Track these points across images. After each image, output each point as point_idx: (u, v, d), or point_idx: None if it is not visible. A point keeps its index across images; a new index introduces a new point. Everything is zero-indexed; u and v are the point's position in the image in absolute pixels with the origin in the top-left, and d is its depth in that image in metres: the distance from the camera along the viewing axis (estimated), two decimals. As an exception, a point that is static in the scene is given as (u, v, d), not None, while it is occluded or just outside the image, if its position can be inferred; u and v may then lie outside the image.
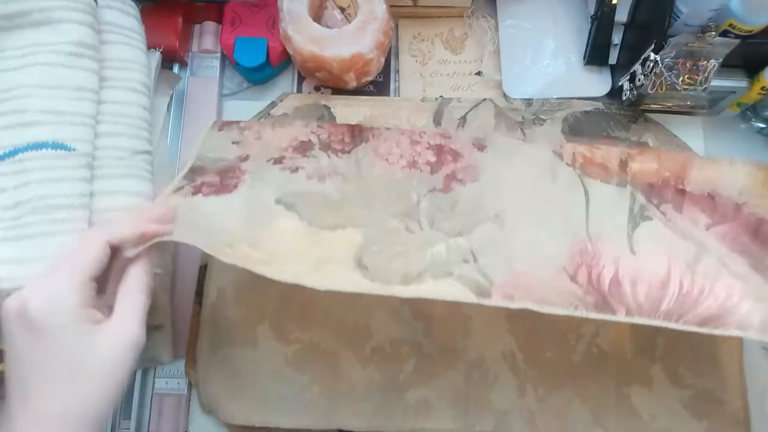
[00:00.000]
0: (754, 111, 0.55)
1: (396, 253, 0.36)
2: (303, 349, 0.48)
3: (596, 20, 0.53)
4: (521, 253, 0.37)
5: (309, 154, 0.41)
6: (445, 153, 0.41)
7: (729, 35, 0.47)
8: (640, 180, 0.41)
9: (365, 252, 0.36)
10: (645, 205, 0.40)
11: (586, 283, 0.35)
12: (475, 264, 0.36)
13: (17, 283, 0.33)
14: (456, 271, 0.35)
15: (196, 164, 0.40)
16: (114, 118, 0.41)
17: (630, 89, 0.51)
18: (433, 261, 0.36)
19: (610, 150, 0.43)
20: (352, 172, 0.40)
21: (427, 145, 0.41)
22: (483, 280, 0.35)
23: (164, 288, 0.48)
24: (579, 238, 0.38)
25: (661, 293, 0.35)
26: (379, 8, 0.50)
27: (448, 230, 0.38)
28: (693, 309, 0.35)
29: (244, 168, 0.40)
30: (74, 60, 0.39)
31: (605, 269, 0.36)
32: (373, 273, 0.34)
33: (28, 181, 0.36)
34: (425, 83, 0.57)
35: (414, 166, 0.41)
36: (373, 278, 0.34)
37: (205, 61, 0.57)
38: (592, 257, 0.37)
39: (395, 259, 0.35)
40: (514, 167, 0.41)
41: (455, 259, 0.36)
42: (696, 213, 0.40)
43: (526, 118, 0.54)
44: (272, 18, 0.55)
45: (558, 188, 0.40)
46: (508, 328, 0.48)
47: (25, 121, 0.37)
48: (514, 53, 0.56)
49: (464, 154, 0.41)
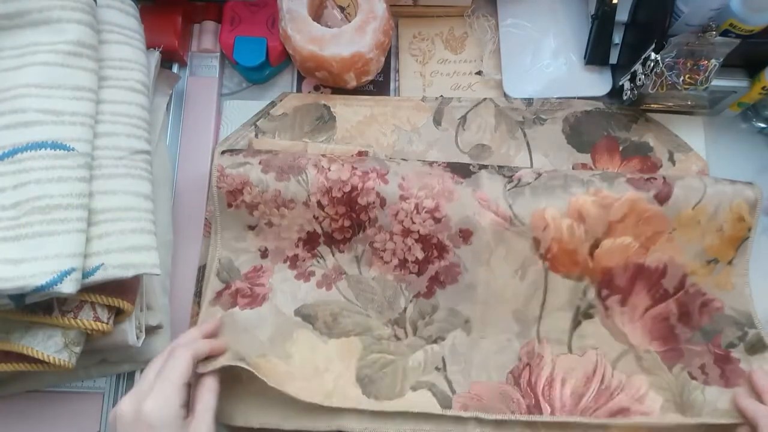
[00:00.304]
0: (755, 111, 0.54)
1: (387, 362, 0.46)
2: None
3: (597, 20, 0.53)
4: (479, 361, 0.47)
5: (317, 251, 0.49)
6: (432, 248, 0.48)
7: (730, 35, 0.47)
8: (601, 265, 0.47)
9: (364, 360, 0.46)
10: (592, 302, 0.48)
11: (525, 386, 0.46)
12: (445, 372, 0.46)
13: (16, 283, 0.33)
14: (430, 380, 0.46)
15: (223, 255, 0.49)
16: (113, 118, 0.41)
17: (630, 89, 0.51)
18: (413, 370, 0.46)
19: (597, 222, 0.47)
20: (354, 272, 0.49)
21: (417, 237, 0.47)
22: (448, 390, 0.46)
23: (164, 289, 0.48)
24: (530, 338, 0.47)
25: (583, 390, 0.45)
26: (379, 7, 0.50)
27: (427, 337, 0.47)
28: (607, 402, 0.45)
29: (266, 268, 0.49)
30: (73, 60, 0.39)
31: (544, 369, 0.46)
32: (369, 389, 0.45)
33: (27, 180, 0.36)
34: (425, 83, 0.57)
35: (404, 266, 0.48)
36: (369, 395, 0.45)
37: (205, 60, 0.57)
38: (536, 357, 0.47)
39: (387, 367, 0.46)
40: (491, 265, 0.48)
41: (430, 367, 0.46)
42: (640, 299, 0.48)
43: (527, 118, 0.54)
44: (272, 17, 0.54)
45: (523, 286, 0.48)
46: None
47: (25, 120, 0.36)
48: (515, 53, 0.56)
49: (449, 248, 0.47)
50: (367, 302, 0.48)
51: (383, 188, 0.47)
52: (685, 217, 0.47)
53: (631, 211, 0.47)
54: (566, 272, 0.48)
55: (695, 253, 0.48)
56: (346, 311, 0.48)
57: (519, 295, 0.48)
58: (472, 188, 0.48)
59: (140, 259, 0.39)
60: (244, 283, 0.48)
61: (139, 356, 0.46)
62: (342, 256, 0.49)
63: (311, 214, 0.48)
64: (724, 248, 0.48)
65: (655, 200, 0.47)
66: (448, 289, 0.48)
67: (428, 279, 0.48)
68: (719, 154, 0.54)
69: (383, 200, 0.47)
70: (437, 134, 0.54)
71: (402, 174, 0.48)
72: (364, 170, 0.47)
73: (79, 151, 0.37)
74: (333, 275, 0.49)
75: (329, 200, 0.47)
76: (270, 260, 0.49)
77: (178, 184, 0.53)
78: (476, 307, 0.48)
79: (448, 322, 0.48)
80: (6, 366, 0.39)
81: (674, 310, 0.47)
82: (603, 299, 0.48)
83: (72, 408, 0.48)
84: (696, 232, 0.47)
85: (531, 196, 0.47)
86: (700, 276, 0.48)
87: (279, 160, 0.48)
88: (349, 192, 0.47)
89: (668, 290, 0.47)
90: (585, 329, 0.47)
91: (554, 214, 0.47)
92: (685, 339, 0.46)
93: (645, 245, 0.47)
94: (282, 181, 0.47)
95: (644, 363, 0.46)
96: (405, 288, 0.48)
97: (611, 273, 0.47)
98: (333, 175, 0.47)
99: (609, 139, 0.54)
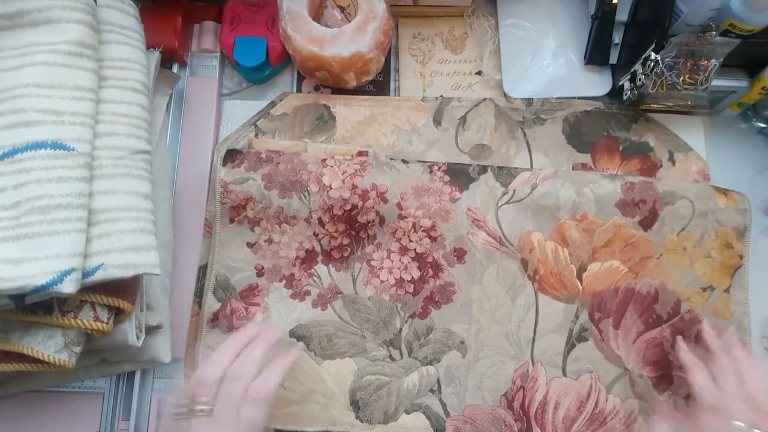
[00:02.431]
0: (755, 111, 0.54)
1: (382, 384, 0.47)
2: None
3: (597, 20, 0.53)
4: (474, 383, 0.47)
5: (313, 270, 0.49)
6: (427, 266, 0.49)
7: (730, 35, 0.47)
8: (590, 288, 0.49)
9: (359, 382, 0.47)
10: (585, 324, 0.48)
11: (518, 409, 0.47)
12: (439, 394, 0.47)
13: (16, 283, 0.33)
14: (424, 402, 0.47)
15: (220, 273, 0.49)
16: (113, 118, 0.41)
17: (630, 89, 0.51)
18: (407, 392, 0.47)
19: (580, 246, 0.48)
20: (349, 291, 0.49)
21: (414, 255, 0.49)
22: (442, 412, 0.47)
23: (164, 288, 0.48)
24: (524, 360, 0.48)
25: (576, 414, 0.46)
26: (379, 7, 0.50)
27: (422, 358, 0.48)
28: (599, 428, 0.46)
29: (262, 287, 0.49)
30: (73, 59, 0.38)
31: (538, 392, 0.47)
32: (363, 412, 0.46)
33: (27, 180, 0.35)
34: (425, 83, 0.57)
35: (400, 285, 0.49)
36: (363, 419, 0.46)
37: (205, 60, 0.57)
38: (530, 379, 0.47)
39: (381, 389, 0.47)
40: (483, 283, 0.49)
41: (424, 389, 0.47)
42: (632, 323, 0.48)
43: (527, 118, 0.54)
44: (272, 17, 0.54)
45: (515, 307, 0.49)
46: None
47: (25, 120, 0.36)
48: (515, 53, 0.56)
49: (444, 267, 0.49)
50: (363, 322, 0.48)
51: (382, 207, 0.49)
52: (670, 243, 0.49)
53: (615, 236, 0.48)
54: (555, 294, 0.49)
55: (688, 279, 0.48)
56: (341, 332, 0.48)
57: (512, 316, 0.48)
58: (467, 204, 0.49)
59: (140, 259, 0.39)
60: (239, 303, 0.49)
61: (139, 356, 0.46)
62: (339, 275, 0.49)
63: (312, 230, 0.49)
64: (717, 275, 0.49)
65: (640, 226, 0.48)
66: (443, 309, 0.49)
67: (423, 299, 0.49)
68: (719, 154, 0.54)
69: (382, 219, 0.49)
70: (437, 134, 0.54)
71: (400, 192, 0.49)
72: (364, 189, 0.48)
73: (79, 151, 0.37)
74: (329, 294, 0.49)
75: (330, 218, 0.49)
76: (266, 278, 0.49)
77: (178, 184, 0.53)
78: (471, 327, 0.48)
79: (443, 343, 0.48)
80: (6, 366, 0.39)
81: (668, 336, 0.47)
82: (596, 322, 0.48)
83: (72, 408, 0.48)
84: (683, 258, 0.49)
85: (521, 216, 0.49)
86: (696, 303, 0.48)
87: (281, 175, 0.48)
88: (349, 210, 0.48)
89: (661, 315, 0.48)
90: (580, 352, 0.48)
91: (539, 237, 0.49)
92: (677, 366, 0.46)
93: (634, 270, 0.48)
94: (284, 198, 0.48)
95: (637, 388, 0.47)
96: (401, 308, 0.49)
97: (601, 296, 0.48)
98: (334, 193, 0.48)
99: (609, 139, 0.54)
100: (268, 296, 0.49)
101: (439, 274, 0.49)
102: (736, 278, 0.49)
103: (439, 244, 0.49)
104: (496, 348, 0.48)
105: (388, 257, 0.49)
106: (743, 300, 0.49)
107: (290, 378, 0.47)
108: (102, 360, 0.46)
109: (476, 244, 0.49)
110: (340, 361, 0.47)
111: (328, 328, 0.48)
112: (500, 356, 0.48)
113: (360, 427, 0.46)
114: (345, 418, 0.46)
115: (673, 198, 0.49)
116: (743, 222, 0.49)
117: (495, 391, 0.47)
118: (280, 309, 0.49)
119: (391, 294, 0.49)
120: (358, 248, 0.50)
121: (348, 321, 0.49)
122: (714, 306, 0.48)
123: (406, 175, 0.50)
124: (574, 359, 0.48)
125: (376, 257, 0.49)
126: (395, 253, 0.49)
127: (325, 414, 0.46)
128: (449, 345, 0.48)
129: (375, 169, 0.49)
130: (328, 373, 0.47)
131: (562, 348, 0.48)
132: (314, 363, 0.47)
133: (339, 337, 0.48)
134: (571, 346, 0.48)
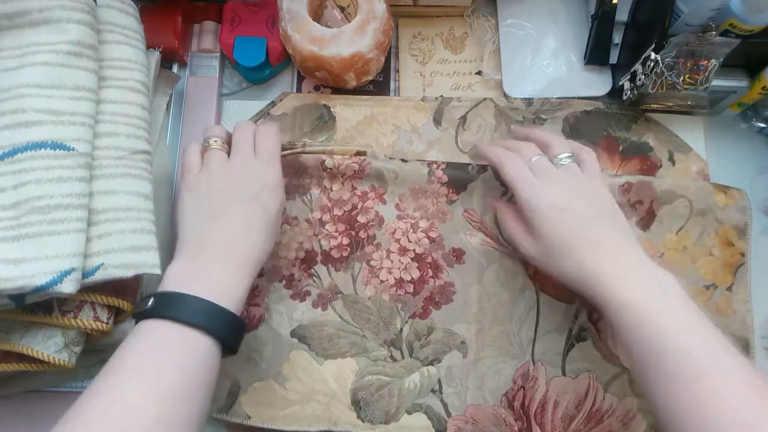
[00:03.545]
0: (755, 111, 0.54)
1: (383, 383, 0.47)
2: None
3: (597, 20, 0.53)
4: (475, 383, 0.47)
5: (313, 271, 0.49)
6: (427, 267, 0.49)
7: (729, 35, 0.47)
8: None
9: (360, 382, 0.47)
10: (584, 324, 0.48)
11: (519, 408, 0.47)
12: (441, 394, 0.47)
13: (16, 283, 0.33)
14: (425, 402, 0.47)
15: None
16: (113, 118, 0.41)
17: (630, 89, 0.51)
18: (408, 393, 0.47)
19: None
20: (349, 291, 0.49)
21: (413, 255, 0.49)
22: (443, 413, 0.46)
23: (164, 288, 0.48)
24: (525, 360, 0.48)
25: (574, 413, 0.46)
26: (379, 7, 0.50)
27: (423, 359, 0.48)
28: (596, 426, 0.46)
29: (261, 287, 0.49)
30: (73, 59, 0.39)
31: (538, 392, 0.47)
32: (365, 412, 0.46)
33: (27, 180, 0.36)
34: (425, 83, 0.57)
35: (400, 285, 0.49)
36: (364, 418, 0.46)
37: (205, 60, 0.57)
38: (530, 379, 0.47)
39: (382, 389, 0.47)
40: (483, 283, 0.49)
41: (425, 389, 0.47)
42: None
43: (527, 118, 0.54)
44: (272, 17, 0.54)
45: (516, 307, 0.49)
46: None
47: (25, 120, 0.36)
48: (515, 53, 0.56)
49: (443, 267, 0.49)
50: (363, 322, 0.48)
51: (381, 207, 0.50)
52: (670, 242, 0.49)
53: None
54: (556, 294, 0.49)
55: (691, 277, 0.48)
56: (342, 331, 0.48)
57: (512, 316, 0.49)
58: (464, 206, 0.50)
59: (140, 259, 0.39)
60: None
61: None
62: (338, 275, 0.50)
63: (312, 231, 0.50)
64: (719, 273, 0.49)
65: (638, 227, 0.49)
66: (444, 309, 0.49)
67: (423, 299, 0.49)
68: (719, 154, 0.54)
69: (381, 219, 0.50)
70: (437, 134, 0.54)
71: (399, 193, 0.50)
72: (363, 190, 0.49)
73: (79, 151, 0.37)
74: (329, 294, 0.49)
75: (330, 218, 0.49)
76: (266, 279, 0.49)
77: (178, 184, 0.53)
78: (472, 328, 0.48)
79: (444, 343, 0.48)
80: (6, 366, 0.39)
81: None
82: (594, 322, 0.48)
83: (72, 408, 0.48)
84: (685, 257, 0.49)
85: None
86: (698, 301, 0.47)
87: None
88: (349, 211, 0.49)
89: None
90: (578, 352, 0.48)
91: None
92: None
93: None
94: (288, 200, 0.50)
95: (635, 386, 0.47)
96: (401, 308, 0.49)
97: None
98: (335, 195, 0.49)
99: (609, 139, 0.54)
100: (268, 297, 0.49)
101: (438, 275, 0.49)
102: (738, 276, 0.49)
103: (438, 244, 0.50)
104: (498, 348, 0.48)
105: (388, 257, 0.49)
106: (746, 297, 0.49)
107: (292, 378, 0.47)
108: (102, 360, 0.46)
109: (474, 245, 0.50)
110: (342, 361, 0.48)
111: (329, 329, 0.48)
112: (501, 356, 0.48)
113: (362, 426, 0.46)
114: (346, 417, 0.46)
115: (671, 197, 0.49)
116: (743, 220, 0.49)
117: (496, 391, 0.47)
118: (281, 310, 0.49)
119: (391, 294, 0.49)
120: (358, 248, 0.50)
121: (349, 321, 0.48)
122: (717, 304, 0.48)
123: (405, 175, 0.50)
124: (573, 359, 0.48)
125: (376, 257, 0.49)
126: (395, 253, 0.49)
127: (327, 414, 0.46)
128: (450, 345, 0.48)
129: (373, 170, 0.49)
130: (330, 373, 0.47)
131: (561, 348, 0.48)
132: (316, 363, 0.47)
133: (340, 337, 0.48)
134: (571, 346, 0.48)
